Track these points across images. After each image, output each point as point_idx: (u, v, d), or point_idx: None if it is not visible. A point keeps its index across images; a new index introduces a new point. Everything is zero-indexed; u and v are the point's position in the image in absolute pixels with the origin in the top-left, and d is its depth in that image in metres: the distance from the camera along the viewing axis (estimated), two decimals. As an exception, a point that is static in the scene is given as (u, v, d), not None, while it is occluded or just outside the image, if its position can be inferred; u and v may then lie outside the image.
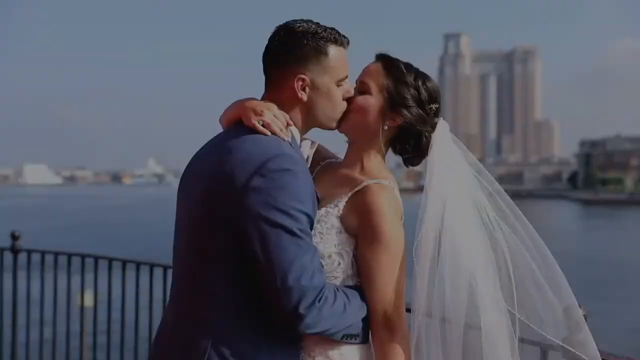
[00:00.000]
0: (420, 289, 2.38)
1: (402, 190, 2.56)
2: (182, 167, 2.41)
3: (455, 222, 2.40)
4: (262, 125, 2.20)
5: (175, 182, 2.45)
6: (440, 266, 2.38)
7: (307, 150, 2.46)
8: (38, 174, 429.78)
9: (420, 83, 2.45)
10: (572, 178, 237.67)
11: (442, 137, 2.48)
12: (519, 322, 2.36)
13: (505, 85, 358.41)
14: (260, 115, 2.22)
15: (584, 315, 2.35)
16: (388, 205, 2.33)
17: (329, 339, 2.28)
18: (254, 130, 2.21)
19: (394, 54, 2.50)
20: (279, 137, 2.20)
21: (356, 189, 2.37)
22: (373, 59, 2.52)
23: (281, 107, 2.30)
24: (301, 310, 2.06)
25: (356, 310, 2.25)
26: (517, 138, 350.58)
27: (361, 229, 2.32)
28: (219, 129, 2.43)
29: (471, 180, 2.48)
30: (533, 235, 2.42)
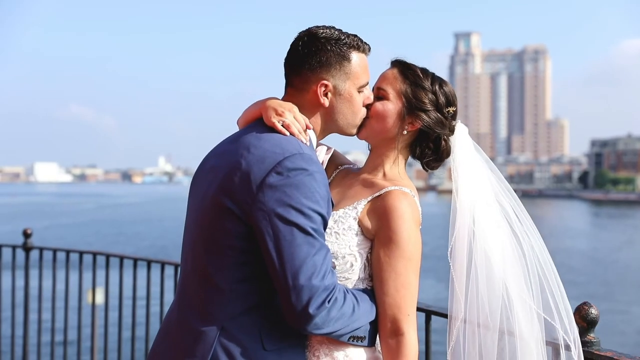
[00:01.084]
0: (458, 295, 2.38)
1: (413, 189, 2.57)
2: (192, 166, 2.43)
3: (485, 227, 2.41)
4: (282, 126, 2.22)
5: (185, 181, 2.45)
6: (474, 272, 2.38)
7: (323, 156, 2.48)
8: (49, 172, 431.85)
9: (437, 87, 2.47)
10: (583, 178, 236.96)
11: (462, 141, 2.51)
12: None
13: (515, 85, 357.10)
14: (281, 115, 2.24)
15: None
16: (409, 211, 2.33)
17: (334, 340, 2.28)
18: (272, 129, 2.22)
19: (405, 53, 2.52)
20: (298, 138, 2.21)
21: (377, 194, 2.38)
22: (384, 59, 2.53)
23: (301, 111, 2.32)
24: (311, 310, 2.06)
25: (365, 313, 2.25)
26: (527, 137, 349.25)
27: (379, 232, 2.32)
28: (231, 128, 2.44)
29: (494, 184, 2.50)
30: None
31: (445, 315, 2.69)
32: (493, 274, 2.37)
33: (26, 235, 5.82)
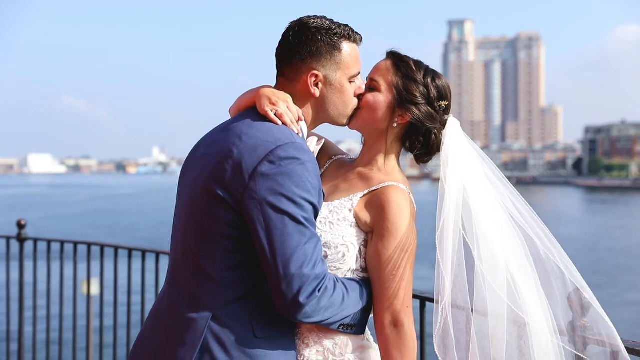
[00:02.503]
0: (445, 280, 2.36)
1: (407, 177, 2.57)
2: (186, 156, 2.41)
3: (479, 211, 2.40)
4: (275, 115, 2.22)
5: (179, 171, 2.45)
6: (477, 260, 2.36)
7: (313, 146, 2.48)
8: (42, 163, 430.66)
9: (429, 80, 2.46)
10: (577, 164, 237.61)
11: (453, 135, 2.49)
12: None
13: (509, 72, 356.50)
14: (275, 104, 2.24)
15: (587, 300, 2.35)
16: (406, 206, 2.36)
17: (324, 328, 2.30)
18: (265, 118, 2.23)
19: (398, 41, 2.53)
20: (290, 128, 2.21)
21: (374, 188, 2.40)
22: (378, 49, 2.53)
23: (292, 101, 2.32)
24: (301, 299, 2.07)
25: (354, 302, 2.26)
26: (521, 125, 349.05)
27: (376, 224, 2.34)
28: (225, 118, 2.44)
29: (489, 173, 2.49)
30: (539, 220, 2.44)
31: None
32: (495, 262, 2.35)
33: (20, 226, 5.80)
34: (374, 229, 2.35)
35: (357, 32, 2.37)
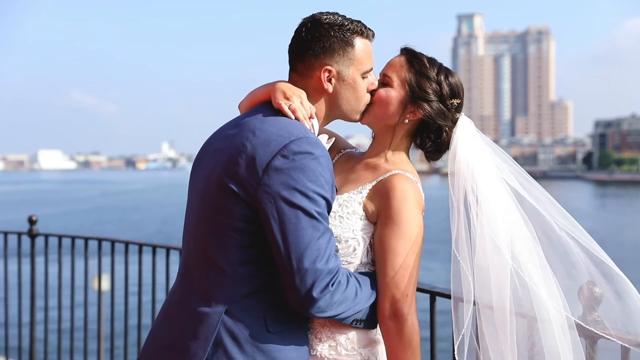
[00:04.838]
0: (468, 276, 2.32)
1: (417, 172, 2.56)
2: (196, 152, 2.41)
3: (488, 201, 2.37)
4: (289, 109, 2.22)
5: (188, 167, 2.44)
6: (480, 253, 2.34)
7: (324, 143, 2.47)
8: (52, 160, 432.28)
9: (442, 78, 2.46)
10: (587, 159, 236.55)
11: (464, 131, 2.47)
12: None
13: (519, 66, 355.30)
14: (289, 99, 2.25)
15: (599, 294, 2.34)
16: (411, 193, 2.35)
17: (336, 323, 2.30)
18: (278, 112, 2.23)
19: (407, 36, 2.52)
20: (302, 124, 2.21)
21: (381, 178, 2.39)
22: (387, 43, 2.53)
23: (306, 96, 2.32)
24: (314, 293, 2.07)
25: (367, 297, 2.26)
26: (531, 119, 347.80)
27: (381, 212, 2.33)
28: (234, 114, 2.44)
29: (500, 163, 2.46)
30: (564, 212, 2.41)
31: (449, 297, 2.68)
32: (500, 254, 2.34)
33: (31, 222, 5.82)
34: (378, 217, 2.35)
35: (369, 28, 2.37)
